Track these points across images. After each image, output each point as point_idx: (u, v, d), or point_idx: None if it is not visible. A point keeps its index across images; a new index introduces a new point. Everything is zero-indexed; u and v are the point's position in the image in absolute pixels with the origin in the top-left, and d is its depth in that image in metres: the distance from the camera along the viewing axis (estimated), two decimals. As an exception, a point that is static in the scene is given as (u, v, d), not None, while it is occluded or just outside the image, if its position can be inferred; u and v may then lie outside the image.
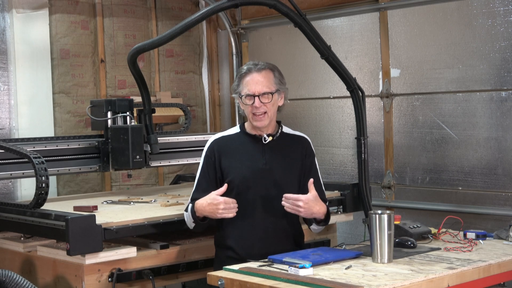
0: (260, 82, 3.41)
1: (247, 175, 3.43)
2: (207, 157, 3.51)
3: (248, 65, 3.48)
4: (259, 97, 3.39)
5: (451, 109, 4.72)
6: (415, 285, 2.82)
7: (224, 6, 3.89)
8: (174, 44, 5.81)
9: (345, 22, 5.30)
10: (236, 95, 3.49)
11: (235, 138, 3.54)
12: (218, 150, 3.49)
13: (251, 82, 3.41)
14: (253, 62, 3.50)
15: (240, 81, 3.46)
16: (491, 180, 4.54)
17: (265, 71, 3.44)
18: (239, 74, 3.48)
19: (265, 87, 3.41)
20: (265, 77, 3.43)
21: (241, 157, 3.47)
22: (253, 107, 3.40)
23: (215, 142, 3.53)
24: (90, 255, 3.26)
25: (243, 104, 3.46)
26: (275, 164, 3.46)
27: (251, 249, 3.38)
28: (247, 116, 3.48)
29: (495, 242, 3.54)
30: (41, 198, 3.50)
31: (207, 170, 3.50)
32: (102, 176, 5.46)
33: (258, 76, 3.42)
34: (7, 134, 4.95)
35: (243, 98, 3.43)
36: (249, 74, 3.43)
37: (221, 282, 2.99)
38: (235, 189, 3.43)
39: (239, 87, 3.47)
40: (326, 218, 3.47)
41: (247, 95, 3.41)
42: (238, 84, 3.48)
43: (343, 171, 5.33)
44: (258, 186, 3.42)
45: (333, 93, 5.39)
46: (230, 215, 3.33)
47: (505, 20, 4.41)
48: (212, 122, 6.22)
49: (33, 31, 5.09)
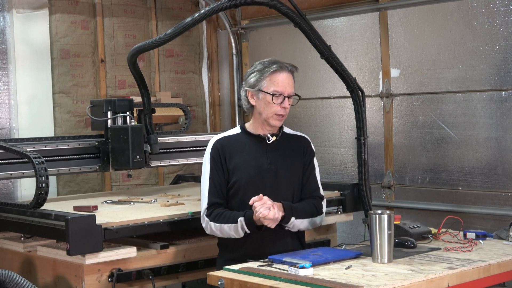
0: (291, 84, 3.37)
1: (252, 175, 3.40)
2: (213, 158, 3.42)
3: (275, 62, 3.37)
4: (288, 98, 3.36)
5: (451, 109, 4.72)
6: (415, 285, 2.82)
7: (224, 6, 3.89)
8: (174, 44, 5.81)
9: (345, 22, 5.30)
10: (253, 90, 3.38)
11: (237, 138, 3.48)
12: (222, 150, 3.43)
13: (284, 82, 3.35)
14: (276, 60, 3.40)
15: (266, 77, 3.34)
16: (491, 180, 4.54)
17: (292, 74, 3.40)
18: (266, 69, 3.35)
19: (293, 89, 3.38)
20: (292, 79, 3.40)
21: (245, 157, 3.42)
22: (281, 107, 3.35)
23: (218, 142, 3.46)
24: (90, 255, 3.26)
25: (263, 102, 3.35)
26: (279, 164, 3.44)
27: (257, 249, 3.34)
28: (264, 114, 3.38)
29: (495, 242, 3.54)
30: (41, 198, 3.50)
31: (216, 171, 3.41)
32: (102, 176, 5.46)
33: (289, 77, 3.37)
34: (7, 134, 4.95)
35: (271, 95, 3.33)
36: (281, 73, 3.35)
37: (221, 282, 2.98)
38: (242, 189, 3.39)
39: (261, 82, 3.36)
40: (287, 214, 3.33)
41: (277, 94, 3.33)
42: (260, 78, 3.36)
43: (343, 171, 5.33)
44: (263, 186, 3.39)
45: (333, 93, 5.39)
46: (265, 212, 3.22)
47: (505, 20, 4.41)
48: (212, 122, 6.22)
49: (33, 31, 5.09)
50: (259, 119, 3.43)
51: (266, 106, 3.36)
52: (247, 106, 3.45)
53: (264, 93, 3.35)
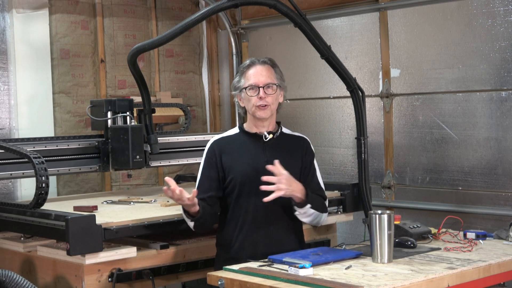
0: (264, 74, 3.44)
1: (248, 173, 3.43)
2: (208, 158, 3.52)
3: (249, 59, 3.50)
4: (264, 88, 3.41)
5: (451, 109, 4.72)
6: (415, 285, 2.82)
7: (224, 6, 3.89)
8: (174, 44, 5.81)
9: (345, 22, 5.30)
10: (237, 92, 3.50)
11: (235, 138, 3.55)
12: (218, 149, 3.50)
13: (256, 74, 3.44)
14: (252, 58, 3.53)
15: (242, 75, 3.48)
16: (491, 180, 4.54)
17: (268, 65, 3.48)
18: (241, 69, 3.50)
19: (269, 79, 3.44)
20: (268, 70, 3.47)
21: (242, 155, 3.47)
22: (258, 98, 3.41)
23: (215, 142, 3.55)
24: (90, 255, 3.26)
25: (245, 99, 3.46)
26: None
27: (254, 248, 3.37)
28: (249, 110, 3.47)
29: (495, 242, 3.54)
30: (41, 198, 3.50)
31: (208, 170, 3.50)
32: (102, 176, 5.46)
33: (262, 68, 3.45)
34: (7, 134, 4.95)
35: (247, 90, 3.43)
36: (253, 67, 3.46)
37: (221, 282, 2.99)
38: (237, 187, 3.43)
39: (240, 82, 3.49)
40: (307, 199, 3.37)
41: (251, 87, 3.42)
42: (239, 79, 3.50)
43: (343, 171, 5.33)
44: (260, 183, 3.38)
45: (333, 93, 5.39)
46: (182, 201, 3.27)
47: (505, 20, 4.41)
48: (212, 122, 6.22)
49: (33, 31, 5.08)
50: (251, 118, 3.52)
51: (248, 102, 3.45)
52: (241, 110, 3.55)
53: (244, 90, 3.46)
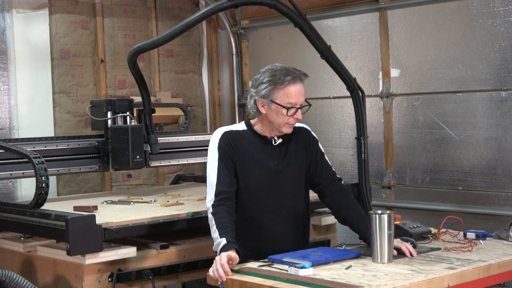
0: (303, 93, 3.31)
1: (260, 178, 3.36)
2: (221, 148, 3.31)
3: (288, 73, 3.28)
4: (301, 108, 3.31)
5: (451, 109, 4.72)
6: (415, 285, 2.82)
7: (224, 6, 3.89)
8: (174, 44, 5.81)
9: (345, 22, 5.30)
10: (265, 100, 3.29)
11: (244, 135, 3.40)
12: (233, 142, 3.34)
13: (297, 93, 3.28)
14: (287, 68, 3.31)
15: (280, 89, 3.25)
16: (491, 180, 4.54)
17: (303, 83, 3.34)
18: (279, 80, 3.25)
19: (303, 98, 3.32)
20: (303, 87, 3.33)
21: (252, 159, 3.36)
22: (294, 118, 3.30)
23: (226, 134, 3.36)
24: (90, 255, 3.26)
25: (275, 112, 3.28)
26: (285, 164, 3.41)
27: (262, 250, 3.31)
28: (275, 123, 3.31)
29: (495, 242, 3.54)
30: (41, 198, 3.50)
31: (225, 160, 3.29)
32: (102, 176, 5.46)
33: (301, 87, 3.31)
34: (7, 134, 4.95)
35: (283, 106, 3.25)
36: (294, 85, 3.28)
37: (221, 282, 2.98)
38: (247, 193, 3.35)
39: (275, 94, 3.26)
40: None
41: (292, 106, 3.26)
42: (273, 89, 3.26)
43: (343, 171, 5.33)
44: (271, 188, 3.37)
45: (333, 93, 5.39)
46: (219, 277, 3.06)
47: (505, 20, 4.41)
48: (212, 122, 6.22)
49: (33, 31, 5.09)
50: (269, 126, 3.37)
51: (278, 117, 3.30)
52: (255, 112, 3.38)
53: (278, 105, 3.28)
